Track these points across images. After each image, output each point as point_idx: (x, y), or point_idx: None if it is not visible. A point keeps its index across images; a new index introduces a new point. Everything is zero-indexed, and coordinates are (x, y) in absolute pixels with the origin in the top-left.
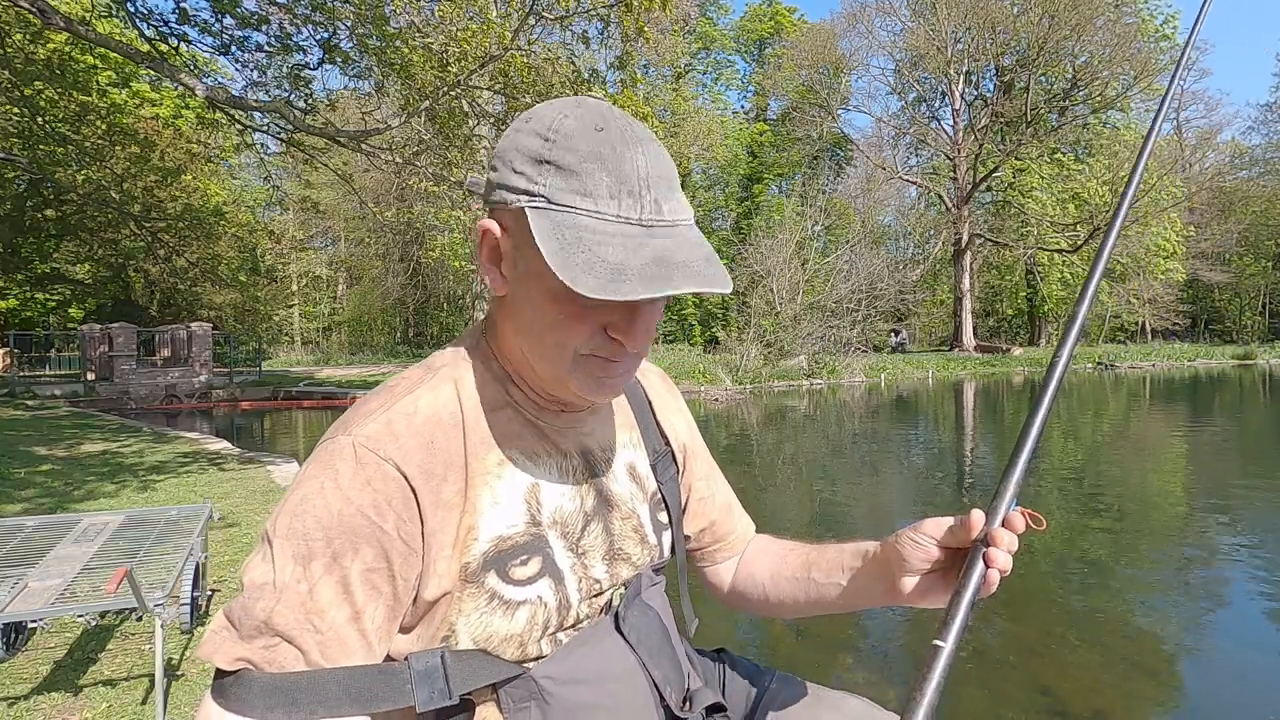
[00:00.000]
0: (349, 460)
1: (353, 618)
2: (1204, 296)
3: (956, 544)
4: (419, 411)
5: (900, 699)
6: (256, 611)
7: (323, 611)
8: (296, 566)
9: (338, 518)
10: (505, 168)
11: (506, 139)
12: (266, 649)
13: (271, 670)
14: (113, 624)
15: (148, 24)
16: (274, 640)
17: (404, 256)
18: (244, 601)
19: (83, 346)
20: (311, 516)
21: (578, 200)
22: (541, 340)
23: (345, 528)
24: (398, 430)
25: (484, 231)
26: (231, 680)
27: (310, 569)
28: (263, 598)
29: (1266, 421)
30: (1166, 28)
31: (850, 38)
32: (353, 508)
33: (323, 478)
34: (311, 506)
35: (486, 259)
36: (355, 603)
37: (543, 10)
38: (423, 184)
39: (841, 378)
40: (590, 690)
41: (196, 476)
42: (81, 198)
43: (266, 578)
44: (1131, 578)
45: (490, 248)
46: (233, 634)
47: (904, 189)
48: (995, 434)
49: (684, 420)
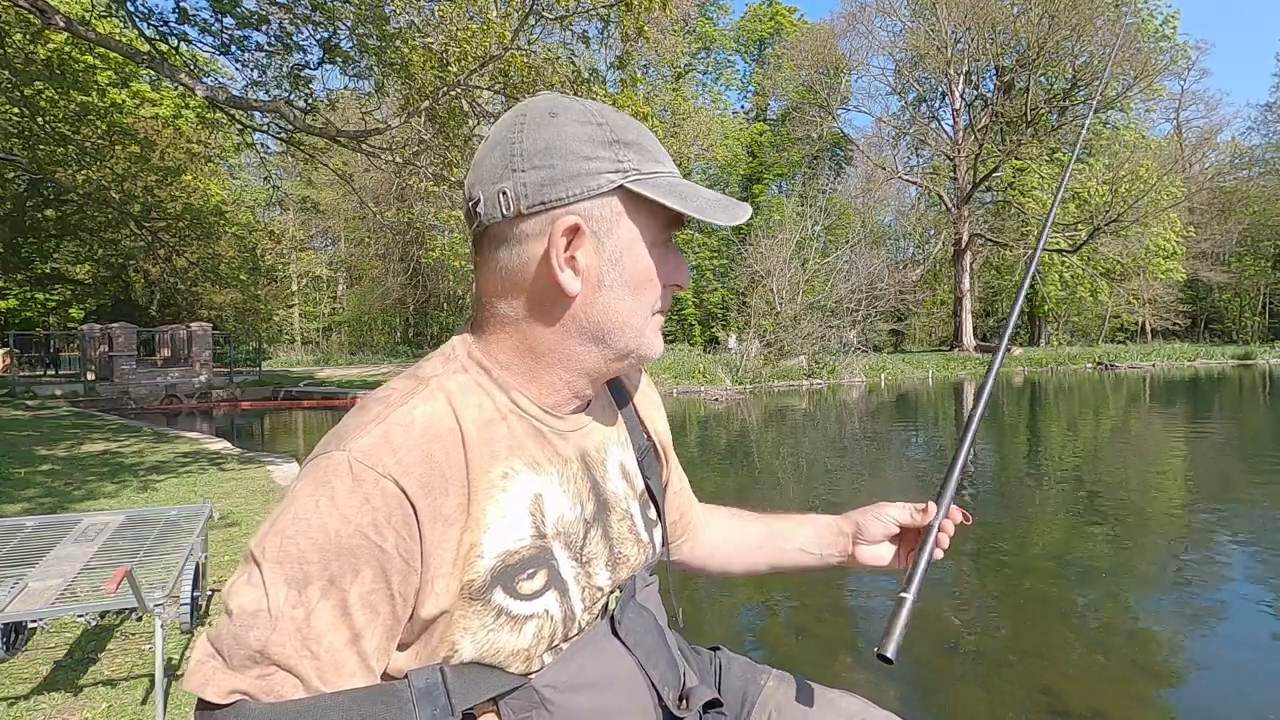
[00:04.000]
0: (344, 477)
1: (351, 640)
2: (1204, 296)
3: (911, 525)
4: (415, 423)
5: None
6: (250, 641)
7: (320, 637)
8: (291, 591)
9: (335, 539)
10: (568, 159)
11: (532, 138)
12: (262, 678)
13: (269, 700)
14: (113, 624)
15: (148, 24)
16: (270, 669)
17: (404, 256)
18: (233, 630)
19: (83, 346)
20: (306, 538)
21: (656, 166)
22: (631, 312)
23: (343, 549)
24: (395, 443)
25: (575, 229)
26: (228, 713)
27: (306, 594)
28: (255, 626)
29: (1266, 422)
30: (1166, 28)
31: (850, 38)
32: (350, 527)
33: (317, 496)
34: (306, 527)
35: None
36: (354, 625)
37: (543, 10)
38: (423, 184)
39: (841, 378)
40: (591, 696)
41: (196, 476)
42: (81, 198)
43: (258, 604)
44: (1131, 578)
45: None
46: (221, 664)
47: (904, 189)
48: (995, 434)
49: (661, 413)
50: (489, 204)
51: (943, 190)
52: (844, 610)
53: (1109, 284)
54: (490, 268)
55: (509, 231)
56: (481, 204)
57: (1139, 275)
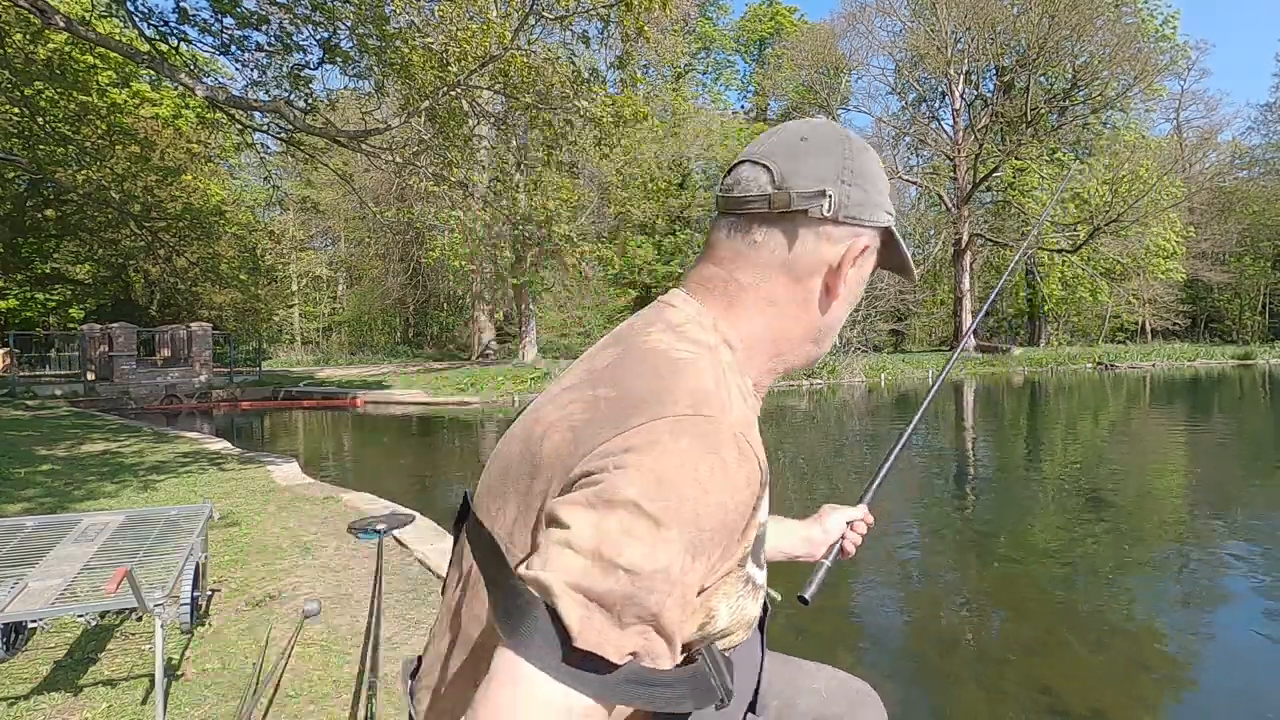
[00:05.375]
0: (733, 451)
1: (692, 613)
2: (1204, 296)
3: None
4: (742, 391)
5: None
6: (649, 603)
7: (691, 606)
8: (687, 558)
9: (726, 514)
10: (876, 191)
11: (859, 161)
12: (646, 641)
13: (644, 664)
14: (113, 624)
15: (148, 24)
16: (652, 633)
17: (404, 256)
18: (628, 588)
19: (83, 346)
20: (705, 506)
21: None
22: (830, 329)
23: (727, 525)
24: (750, 418)
25: (866, 248)
26: (621, 674)
27: (696, 564)
28: (656, 589)
29: (1266, 422)
30: (1166, 28)
31: (850, 38)
32: (735, 503)
33: (710, 462)
34: (704, 493)
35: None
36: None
37: (543, 10)
38: (423, 184)
39: (841, 377)
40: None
41: (196, 476)
42: (81, 198)
43: (658, 564)
44: (1131, 577)
45: (856, 259)
46: (609, 621)
47: (904, 189)
48: (995, 433)
49: None
50: (803, 196)
51: (943, 190)
52: (844, 610)
53: (1109, 284)
54: (768, 248)
55: (814, 228)
56: (795, 190)
57: (1139, 275)
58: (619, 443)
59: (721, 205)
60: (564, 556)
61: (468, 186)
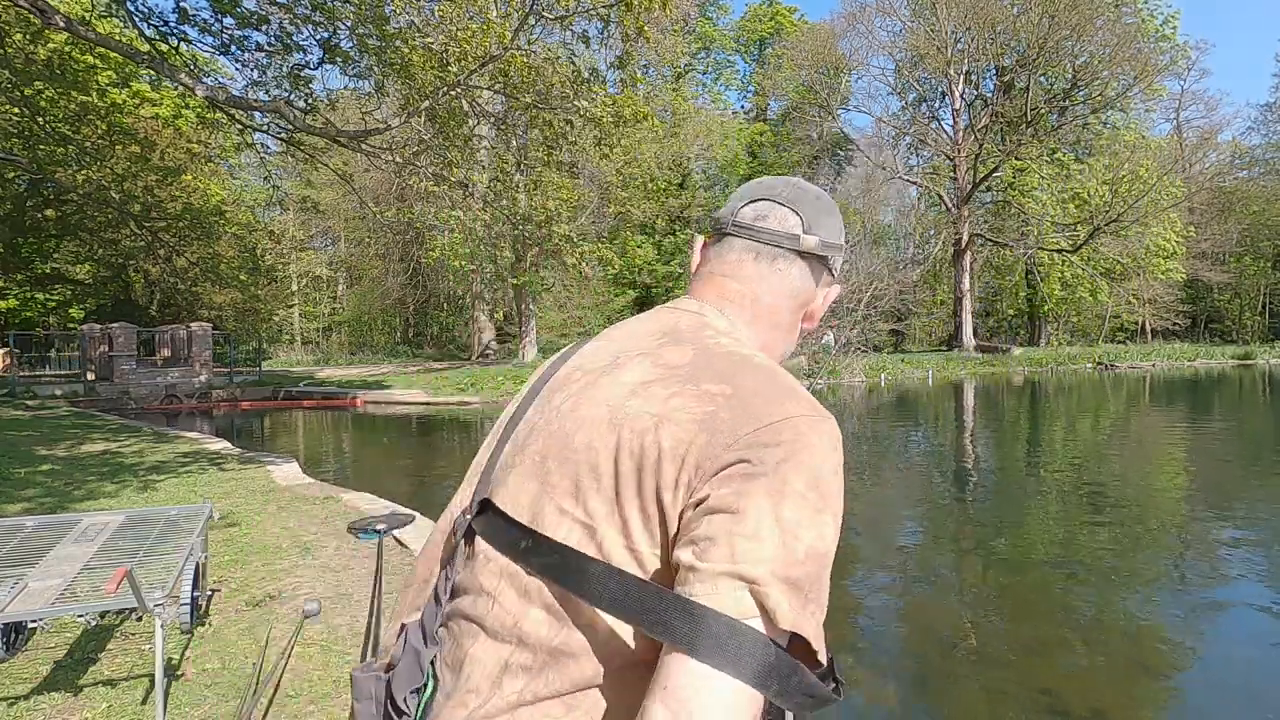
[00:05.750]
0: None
1: None
2: (1204, 296)
3: None
4: None
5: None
6: (826, 582)
7: None
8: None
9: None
10: (837, 243)
11: (834, 218)
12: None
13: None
14: (113, 624)
15: (148, 24)
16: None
17: (404, 256)
18: (814, 569)
19: (83, 346)
20: (841, 493)
21: None
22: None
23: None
24: None
25: (837, 290)
26: (824, 676)
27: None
28: (826, 569)
29: (1266, 422)
30: (1166, 28)
31: (850, 38)
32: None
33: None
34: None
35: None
36: None
37: (543, 10)
38: (423, 184)
39: (841, 378)
40: None
41: (196, 476)
42: (81, 198)
43: (828, 546)
44: (1131, 577)
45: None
46: (810, 607)
47: (904, 189)
48: (996, 433)
49: None
50: (826, 245)
51: (943, 190)
52: (844, 610)
53: (1109, 284)
54: (788, 276)
55: (820, 271)
56: (819, 240)
57: (1139, 275)
58: (767, 435)
59: (746, 232)
60: (757, 546)
61: (468, 186)
